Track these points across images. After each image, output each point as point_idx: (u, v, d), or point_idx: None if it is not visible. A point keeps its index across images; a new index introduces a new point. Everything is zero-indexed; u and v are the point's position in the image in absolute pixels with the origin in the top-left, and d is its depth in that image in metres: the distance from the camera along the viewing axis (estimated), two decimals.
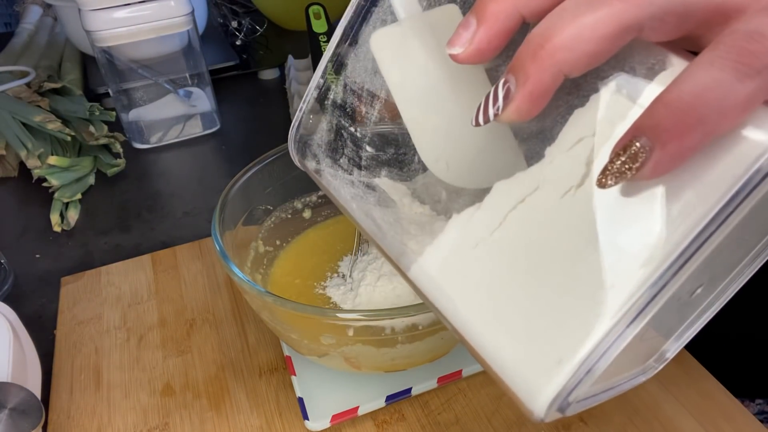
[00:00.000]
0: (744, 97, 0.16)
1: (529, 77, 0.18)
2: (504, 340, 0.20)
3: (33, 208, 0.59)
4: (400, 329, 0.32)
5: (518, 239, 0.20)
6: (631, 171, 0.17)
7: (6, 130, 0.60)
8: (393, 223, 0.26)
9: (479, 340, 0.21)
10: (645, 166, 0.16)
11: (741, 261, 0.22)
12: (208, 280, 0.48)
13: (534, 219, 0.20)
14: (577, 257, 0.19)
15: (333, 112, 0.27)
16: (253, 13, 0.92)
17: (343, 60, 0.26)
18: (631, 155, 0.17)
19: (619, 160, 0.17)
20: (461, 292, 0.22)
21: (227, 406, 0.39)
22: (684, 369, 0.39)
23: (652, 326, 0.20)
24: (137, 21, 0.59)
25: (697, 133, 0.16)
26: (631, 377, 0.24)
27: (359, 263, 0.40)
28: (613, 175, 0.17)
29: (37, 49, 0.82)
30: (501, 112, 0.19)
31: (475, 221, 0.22)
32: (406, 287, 0.37)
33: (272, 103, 0.76)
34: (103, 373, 0.41)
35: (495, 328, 0.21)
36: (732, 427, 0.35)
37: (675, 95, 0.16)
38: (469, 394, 0.38)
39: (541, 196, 0.20)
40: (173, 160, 0.66)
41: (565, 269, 0.19)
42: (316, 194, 0.46)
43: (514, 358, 0.20)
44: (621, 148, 0.17)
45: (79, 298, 0.47)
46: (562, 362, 0.18)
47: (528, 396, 0.19)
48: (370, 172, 0.27)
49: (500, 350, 0.21)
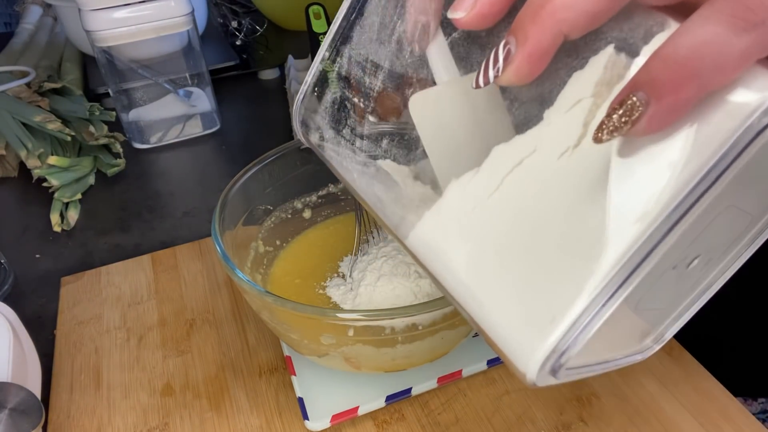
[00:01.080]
0: (739, 52, 0.16)
1: (529, 38, 0.19)
2: (499, 301, 0.21)
3: (33, 208, 0.59)
4: (400, 329, 0.32)
5: (515, 201, 0.21)
6: (628, 125, 0.17)
7: (6, 130, 0.60)
8: (393, 196, 0.26)
9: (474, 303, 0.21)
10: (641, 120, 0.17)
11: (738, 236, 0.22)
12: (208, 280, 0.48)
13: (531, 181, 0.20)
14: (571, 217, 0.19)
15: (337, 84, 0.28)
16: (253, 13, 0.92)
17: (349, 32, 0.26)
18: (628, 109, 0.17)
19: (615, 114, 0.17)
20: (458, 256, 0.22)
21: (227, 406, 0.39)
22: (684, 369, 0.39)
23: (648, 293, 0.20)
24: (137, 21, 0.59)
25: (693, 86, 0.16)
26: (627, 354, 0.24)
27: (359, 263, 0.40)
28: (609, 129, 0.17)
29: (37, 49, 0.82)
30: (501, 74, 0.20)
31: (473, 185, 0.22)
32: (406, 287, 0.37)
33: (272, 103, 0.76)
34: (103, 373, 0.41)
35: (490, 289, 0.21)
36: (732, 427, 0.35)
37: (671, 49, 0.16)
38: (469, 394, 0.38)
39: (539, 157, 0.20)
40: (173, 160, 0.66)
41: (560, 229, 0.19)
42: (316, 194, 0.46)
43: (508, 319, 0.20)
44: (618, 102, 0.17)
45: (79, 298, 0.47)
46: (555, 321, 0.18)
47: (521, 356, 0.19)
48: (372, 141, 0.27)
49: (495, 311, 0.21)
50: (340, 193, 0.47)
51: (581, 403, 0.37)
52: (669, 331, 0.24)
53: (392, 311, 0.31)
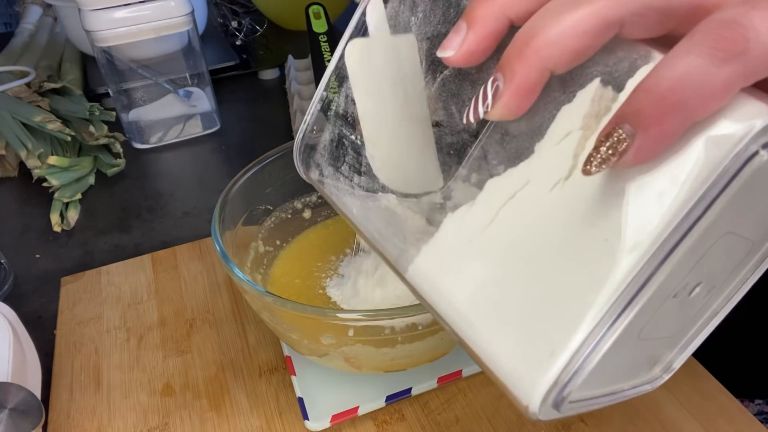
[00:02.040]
0: (721, 81, 0.16)
1: (516, 74, 0.19)
2: (498, 335, 0.21)
3: (33, 208, 0.59)
4: (400, 329, 0.32)
5: (510, 234, 0.21)
6: (615, 157, 0.17)
7: (6, 130, 0.60)
8: (393, 230, 0.26)
9: (475, 337, 0.21)
10: (628, 152, 0.17)
11: (740, 262, 0.22)
12: (208, 280, 0.48)
13: (525, 213, 0.21)
14: (566, 249, 0.19)
15: (335, 122, 0.28)
16: (253, 13, 0.92)
17: (345, 72, 0.27)
18: (614, 141, 0.17)
19: (603, 147, 0.17)
20: (456, 289, 0.22)
21: (227, 406, 0.39)
22: (684, 369, 0.38)
23: (651, 322, 0.20)
24: (137, 21, 0.59)
25: (677, 117, 0.16)
26: (635, 384, 0.24)
27: (359, 263, 0.40)
28: (597, 162, 0.17)
29: (37, 49, 0.82)
30: (490, 109, 0.20)
31: (468, 218, 0.22)
32: (406, 287, 0.37)
33: (272, 103, 0.76)
34: (103, 373, 0.41)
35: (489, 323, 0.21)
36: (732, 427, 0.35)
37: (654, 81, 0.17)
38: (469, 394, 0.38)
39: (531, 190, 0.20)
40: (173, 160, 0.66)
41: (555, 262, 0.19)
42: (316, 194, 0.46)
43: (508, 354, 0.20)
44: (605, 135, 0.17)
45: (79, 298, 0.47)
46: (555, 354, 0.18)
47: (523, 391, 0.19)
48: (369, 177, 0.28)
49: (495, 346, 0.21)
50: None
51: None
52: (677, 360, 0.24)
53: (392, 311, 0.31)
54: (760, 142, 0.16)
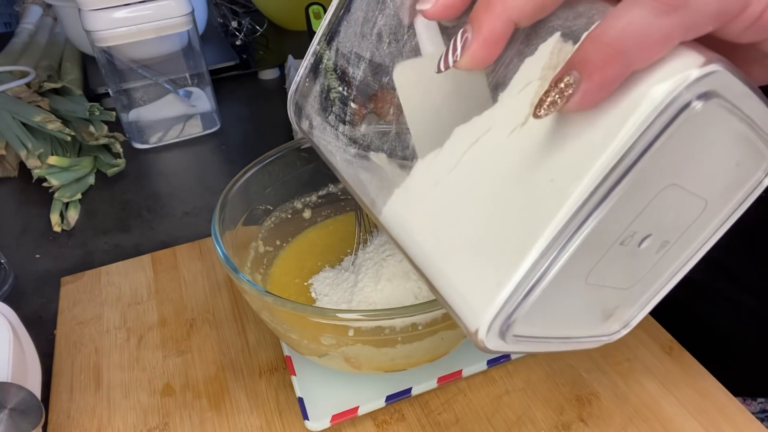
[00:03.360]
0: (661, 32, 0.17)
1: (483, 25, 0.21)
2: (453, 268, 0.22)
3: (33, 208, 0.59)
4: (400, 329, 0.32)
5: (471, 177, 0.22)
6: (562, 100, 0.18)
7: (6, 130, 0.60)
8: (371, 178, 0.28)
9: (434, 271, 0.23)
10: (574, 96, 0.18)
11: (695, 221, 0.23)
12: (208, 280, 0.48)
13: (484, 157, 0.22)
14: (517, 188, 0.20)
15: (325, 75, 0.30)
16: (253, 13, 0.92)
17: (337, 27, 0.29)
18: (562, 87, 0.18)
19: (552, 92, 0.19)
20: (420, 226, 0.24)
21: (227, 406, 0.39)
22: (684, 369, 0.39)
23: (598, 267, 0.21)
24: (137, 21, 0.59)
25: (618, 65, 0.18)
26: (591, 334, 0.25)
27: (359, 263, 0.40)
28: (546, 105, 0.19)
29: (37, 49, 0.82)
30: (459, 59, 0.21)
31: (435, 163, 0.24)
32: (407, 288, 0.37)
33: (272, 103, 0.76)
34: (103, 373, 0.41)
35: (447, 258, 0.22)
36: (732, 427, 0.35)
37: (600, 32, 0.18)
38: (469, 394, 0.38)
39: (492, 136, 0.22)
40: (173, 160, 0.66)
41: (507, 201, 0.21)
42: (316, 194, 0.46)
43: (461, 285, 0.22)
44: (554, 81, 0.19)
45: (79, 298, 0.47)
46: (501, 284, 0.20)
47: (472, 318, 0.21)
48: (352, 127, 0.29)
49: (451, 278, 0.22)
50: (340, 193, 0.47)
51: (581, 403, 0.37)
52: (636, 317, 0.26)
53: (392, 311, 0.31)
54: (695, 92, 0.17)
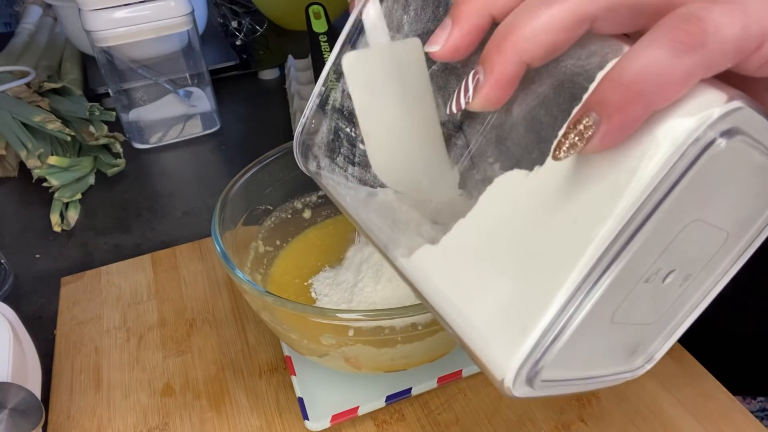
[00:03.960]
0: (681, 73, 0.17)
1: (495, 67, 0.20)
2: (478, 316, 0.22)
3: (33, 208, 0.59)
4: (400, 329, 0.32)
5: (489, 218, 0.22)
6: (582, 142, 0.18)
7: (6, 130, 0.60)
8: (384, 220, 0.28)
9: (457, 319, 0.23)
10: (593, 138, 0.18)
11: (717, 253, 0.23)
12: (208, 280, 0.48)
13: (503, 197, 0.22)
14: (539, 232, 0.20)
15: (332, 116, 0.30)
16: (253, 13, 0.92)
17: (342, 69, 0.28)
18: (582, 129, 0.18)
19: (571, 134, 0.18)
20: (442, 275, 0.24)
21: (227, 406, 0.39)
22: (684, 369, 0.39)
23: (624, 305, 0.21)
24: (137, 21, 0.59)
25: (639, 105, 0.17)
26: (615, 372, 0.25)
27: (359, 262, 0.40)
28: (565, 147, 0.19)
29: (37, 49, 0.82)
30: (471, 101, 0.21)
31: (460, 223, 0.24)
32: (407, 288, 0.37)
33: (272, 103, 0.76)
34: (103, 373, 0.41)
35: (470, 306, 0.22)
36: (732, 427, 0.35)
37: (618, 72, 0.18)
38: (469, 394, 0.38)
39: (510, 176, 0.22)
40: (173, 160, 0.66)
41: (529, 244, 0.20)
42: (316, 194, 0.46)
43: (485, 332, 0.21)
44: (573, 123, 0.19)
45: (79, 298, 0.47)
46: (527, 330, 0.19)
47: (498, 367, 0.20)
48: (362, 168, 0.29)
49: (474, 326, 0.22)
50: None
51: (581, 403, 0.37)
52: (659, 351, 0.25)
53: (392, 311, 0.31)
54: (718, 129, 0.17)
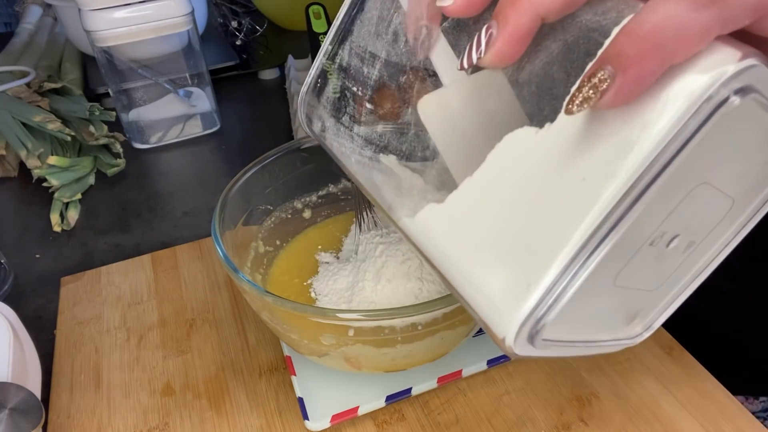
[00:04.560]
0: (699, 26, 0.17)
1: (509, 21, 0.20)
2: (481, 272, 0.21)
3: (33, 208, 0.59)
4: (400, 329, 0.32)
5: (498, 177, 0.22)
6: (596, 96, 0.18)
7: (6, 130, 0.60)
8: (388, 183, 0.28)
9: (459, 276, 0.22)
10: (608, 92, 0.18)
11: (722, 220, 0.22)
12: (208, 280, 0.48)
13: (511, 156, 0.21)
14: (547, 189, 0.20)
15: (338, 75, 0.29)
16: (253, 13, 0.92)
17: (350, 26, 0.28)
18: (596, 82, 0.18)
19: (585, 87, 0.18)
20: (446, 232, 0.23)
21: (227, 406, 0.39)
22: (684, 369, 0.39)
23: (627, 268, 0.21)
24: (137, 21, 0.59)
25: (655, 59, 0.17)
26: (615, 337, 0.24)
27: (359, 262, 0.40)
28: (579, 101, 0.18)
29: (37, 49, 0.82)
30: (483, 55, 0.21)
31: (468, 183, 0.23)
32: (407, 288, 0.37)
33: (272, 103, 0.76)
34: (103, 373, 0.41)
35: (473, 261, 0.22)
36: (732, 426, 0.35)
37: (635, 25, 0.17)
38: (469, 394, 0.38)
39: (519, 134, 0.21)
40: (173, 160, 0.66)
41: (537, 201, 0.20)
42: (316, 194, 0.46)
43: (489, 289, 0.21)
44: (587, 76, 0.18)
45: (79, 298, 0.47)
46: (531, 287, 0.19)
47: (500, 324, 0.20)
48: (368, 127, 0.29)
49: (477, 282, 0.21)
50: (340, 193, 0.47)
51: (581, 403, 0.37)
52: (658, 320, 0.25)
53: (392, 311, 0.31)
54: (732, 87, 0.17)
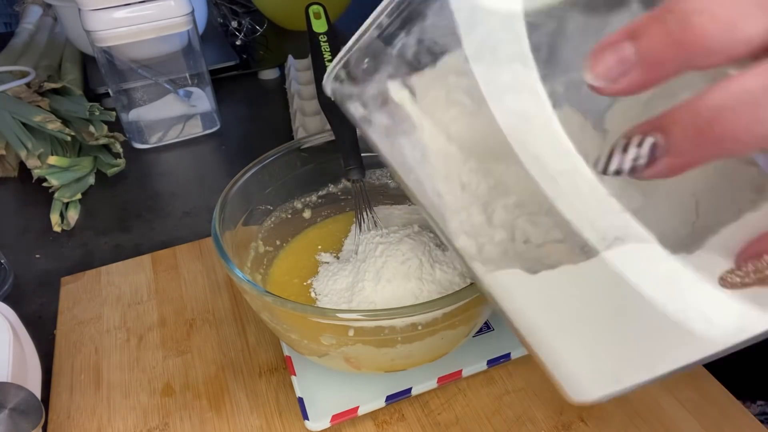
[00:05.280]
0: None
1: (685, 155, 0.16)
2: (570, 348, 0.22)
3: (33, 208, 0.59)
4: (400, 329, 0.32)
5: (608, 283, 0.21)
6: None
7: (6, 130, 0.60)
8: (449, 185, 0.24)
9: (540, 343, 0.23)
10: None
11: None
12: (208, 280, 0.48)
13: (630, 270, 0.21)
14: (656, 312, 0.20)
15: (389, 56, 0.24)
16: (253, 13, 0.92)
17: (420, 8, 0.22)
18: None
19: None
20: (532, 305, 0.23)
21: (227, 407, 0.39)
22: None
23: None
24: (137, 21, 0.59)
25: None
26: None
27: (359, 262, 0.40)
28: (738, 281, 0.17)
29: (37, 49, 0.82)
30: (644, 171, 0.17)
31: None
32: (407, 288, 0.37)
33: (272, 103, 0.76)
34: (103, 373, 0.41)
35: (563, 336, 0.22)
36: (732, 427, 0.35)
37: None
38: (469, 394, 0.38)
39: (652, 250, 0.20)
40: (173, 160, 0.66)
41: (636, 307, 0.20)
42: (316, 194, 0.46)
43: (575, 363, 0.22)
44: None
45: (79, 298, 0.47)
46: (619, 382, 0.20)
47: (576, 389, 0.22)
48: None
49: (563, 355, 0.22)
50: (340, 193, 0.47)
51: None
52: None
53: (392, 311, 0.31)
54: None
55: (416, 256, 0.37)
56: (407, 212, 0.46)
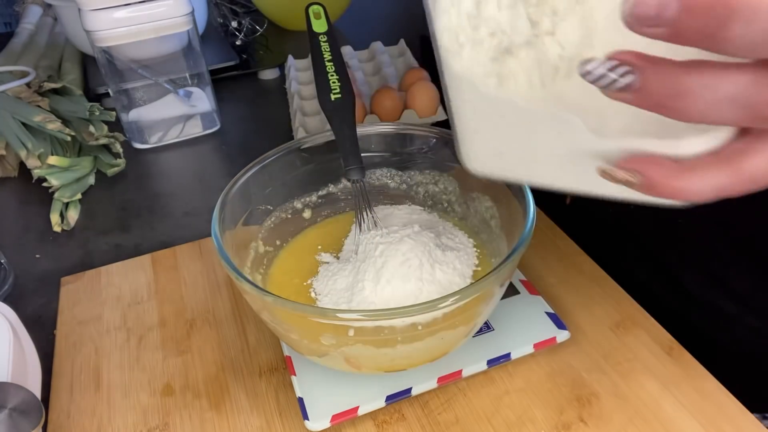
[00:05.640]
0: None
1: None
2: (484, 136, 0.28)
3: (33, 208, 0.59)
4: (400, 329, 0.32)
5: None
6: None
7: (6, 130, 0.60)
8: None
9: (465, 127, 0.28)
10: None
11: None
12: (208, 280, 0.48)
13: None
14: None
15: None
16: (253, 13, 0.92)
17: None
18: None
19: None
20: (476, 105, 0.27)
21: (227, 406, 0.39)
22: (684, 369, 0.39)
23: None
24: (137, 21, 0.59)
25: None
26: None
27: (359, 262, 0.40)
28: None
29: (37, 49, 0.82)
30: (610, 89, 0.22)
31: None
32: (406, 289, 0.37)
33: (272, 103, 0.76)
34: (103, 373, 0.41)
35: (484, 129, 0.27)
36: (732, 427, 0.35)
37: None
38: (469, 394, 0.38)
39: None
40: (173, 160, 0.66)
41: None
42: (316, 194, 0.46)
43: (480, 145, 0.28)
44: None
45: (79, 298, 0.47)
46: (501, 156, 0.28)
47: (469, 158, 0.29)
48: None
49: (475, 135, 0.28)
50: (340, 193, 0.47)
51: (581, 403, 0.37)
52: None
53: (392, 311, 0.31)
54: None
55: (416, 256, 0.37)
56: (407, 212, 0.46)
